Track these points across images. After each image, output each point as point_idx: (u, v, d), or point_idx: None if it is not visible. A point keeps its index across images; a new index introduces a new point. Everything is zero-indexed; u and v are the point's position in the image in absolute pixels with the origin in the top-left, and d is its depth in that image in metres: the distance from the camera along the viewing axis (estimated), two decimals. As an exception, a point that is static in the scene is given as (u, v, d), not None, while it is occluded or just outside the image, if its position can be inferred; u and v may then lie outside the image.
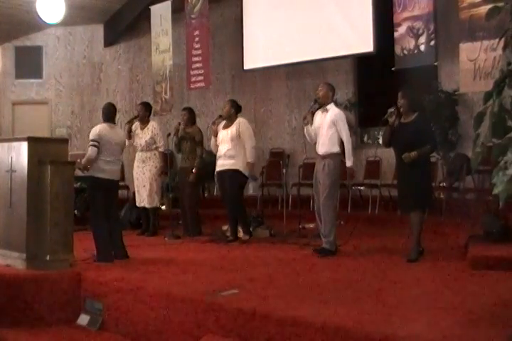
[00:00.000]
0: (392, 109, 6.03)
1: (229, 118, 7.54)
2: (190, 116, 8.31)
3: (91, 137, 6.25)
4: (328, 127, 6.34)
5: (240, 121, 7.50)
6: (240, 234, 7.53)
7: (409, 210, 5.98)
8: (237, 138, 7.38)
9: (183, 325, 4.39)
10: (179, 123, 8.25)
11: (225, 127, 7.52)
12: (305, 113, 6.65)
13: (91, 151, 6.16)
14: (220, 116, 7.63)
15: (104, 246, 6.10)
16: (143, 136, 8.22)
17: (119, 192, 10.33)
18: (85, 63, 12.88)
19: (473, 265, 5.43)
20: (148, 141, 8.17)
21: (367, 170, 10.05)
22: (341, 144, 6.46)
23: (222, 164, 7.45)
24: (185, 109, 8.55)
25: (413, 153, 5.81)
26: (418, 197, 5.90)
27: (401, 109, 5.99)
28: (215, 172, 7.58)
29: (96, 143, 6.17)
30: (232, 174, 7.35)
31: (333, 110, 6.42)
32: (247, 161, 7.41)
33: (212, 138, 7.65)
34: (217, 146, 7.55)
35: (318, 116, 6.47)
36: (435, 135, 6.20)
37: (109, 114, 6.50)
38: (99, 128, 6.33)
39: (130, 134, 8.24)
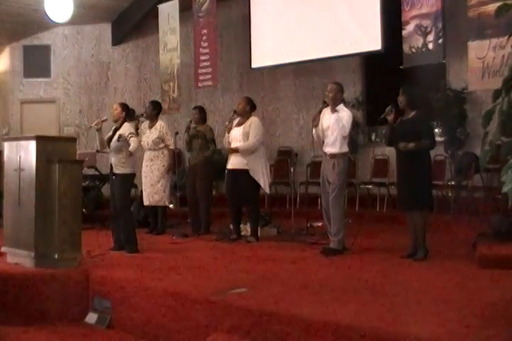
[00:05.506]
0: (389, 107, 6.03)
1: (243, 115, 7.52)
2: (201, 114, 8.40)
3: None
4: (337, 128, 6.32)
5: (253, 120, 7.49)
6: (247, 232, 7.54)
7: (408, 209, 5.99)
8: (248, 137, 7.37)
9: (191, 323, 4.40)
10: (190, 121, 8.31)
11: (238, 124, 7.51)
12: (314, 115, 6.52)
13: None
14: (235, 112, 7.59)
15: (135, 238, 6.64)
16: (150, 135, 8.21)
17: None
18: (93, 62, 12.87)
19: (481, 263, 5.42)
20: (155, 141, 8.14)
21: (375, 169, 10.03)
22: (349, 143, 6.47)
23: (233, 163, 7.44)
24: (196, 107, 8.60)
25: (411, 144, 5.82)
26: (416, 196, 5.87)
27: (400, 106, 5.99)
28: (226, 170, 7.56)
29: None
30: (246, 174, 7.32)
31: (342, 111, 6.39)
32: (235, 146, 7.37)
33: (226, 134, 7.61)
34: (229, 143, 7.53)
35: (327, 116, 6.42)
36: (433, 133, 6.16)
37: None
38: None
39: (137, 131, 8.25)
